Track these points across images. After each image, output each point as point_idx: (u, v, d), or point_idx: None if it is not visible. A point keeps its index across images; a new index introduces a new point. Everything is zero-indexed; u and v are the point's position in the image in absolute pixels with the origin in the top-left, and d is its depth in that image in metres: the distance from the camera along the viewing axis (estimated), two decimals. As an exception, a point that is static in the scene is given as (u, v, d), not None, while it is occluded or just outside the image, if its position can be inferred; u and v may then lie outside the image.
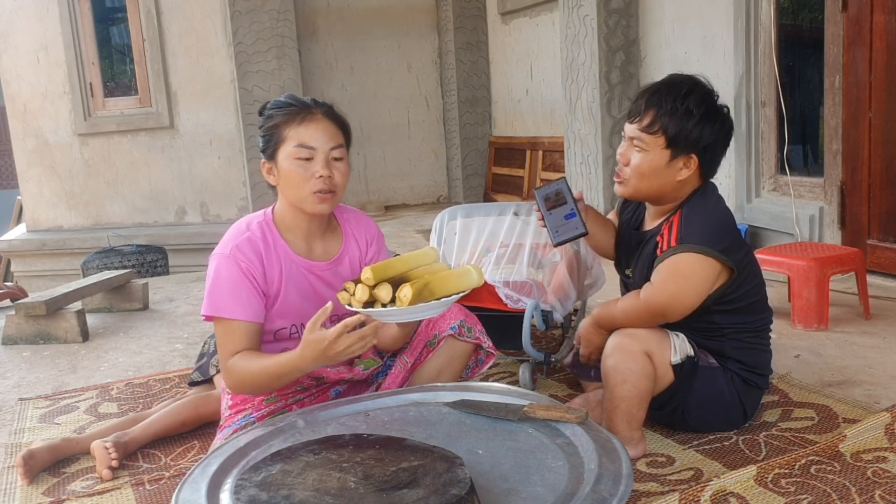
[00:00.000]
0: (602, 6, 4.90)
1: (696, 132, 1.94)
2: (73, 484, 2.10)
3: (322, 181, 1.87)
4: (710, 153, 2.00)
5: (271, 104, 1.96)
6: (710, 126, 1.96)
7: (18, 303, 3.66)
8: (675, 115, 1.94)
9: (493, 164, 7.36)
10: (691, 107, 1.94)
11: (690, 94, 1.95)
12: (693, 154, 1.97)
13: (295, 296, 1.94)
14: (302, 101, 1.93)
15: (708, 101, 1.97)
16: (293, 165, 1.88)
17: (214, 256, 1.90)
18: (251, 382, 1.83)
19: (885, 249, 3.53)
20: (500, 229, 2.77)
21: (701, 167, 2.00)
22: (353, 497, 1.26)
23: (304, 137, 1.87)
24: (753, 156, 4.24)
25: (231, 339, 1.85)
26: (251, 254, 1.89)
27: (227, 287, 1.85)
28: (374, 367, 2.08)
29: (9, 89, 7.19)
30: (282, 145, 1.89)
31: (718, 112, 1.98)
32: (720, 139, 1.99)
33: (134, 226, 7.05)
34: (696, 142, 1.96)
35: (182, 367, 3.09)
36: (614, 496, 1.30)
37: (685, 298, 1.94)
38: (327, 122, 1.91)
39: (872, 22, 3.48)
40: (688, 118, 1.94)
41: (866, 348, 2.72)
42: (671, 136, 1.95)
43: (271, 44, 6.64)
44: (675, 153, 1.97)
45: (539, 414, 1.60)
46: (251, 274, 1.87)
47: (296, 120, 1.89)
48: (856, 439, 1.92)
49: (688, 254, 1.92)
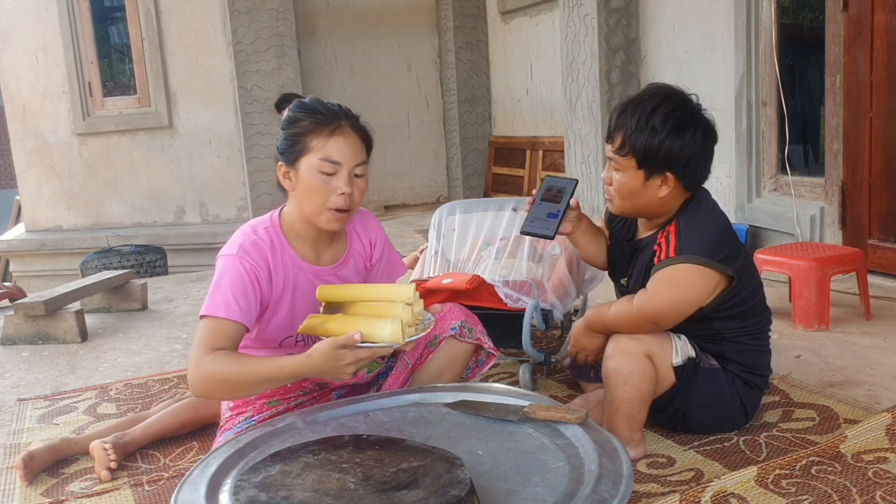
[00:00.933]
0: (602, 5, 4.89)
1: (664, 150, 1.89)
2: (72, 484, 2.09)
3: (342, 198, 1.83)
4: (687, 167, 1.94)
5: (297, 105, 1.90)
6: (678, 141, 1.89)
7: (17, 303, 3.65)
8: (641, 135, 1.89)
9: (493, 163, 7.36)
10: (656, 125, 1.88)
11: (656, 111, 1.89)
12: (667, 172, 1.93)
13: (302, 304, 1.90)
14: (331, 111, 1.86)
15: (675, 115, 1.90)
16: (315, 178, 1.83)
17: (221, 257, 1.86)
18: (226, 382, 1.71)
19: (886, 249, 3.53)
20: (499, 224, 2.77)
21: (682, 181, 1.95)
22: (353, 498, 1.26)
23: (331, 152, 1.82)
24: (754, 156, 4.24)
25: (215, 334, 1.75)
26: (258, 257, 1.84)
27: (226, 287, 1.81)
28: (376, 370, 2.08)
29: (8, 89, 7.19)
30: (306, 154, 1.83)
31: (688, 125, 1.90)
32: (695, 152, 1.92)
33: (133, 226, 7.05)
34: (666, 160, 1.91)
35: (181, 368, 3.08)
36: (614, 497, 1.29)
37: (678, 307, 1.92)
38: (354, 137, 1.86)
39: (873, 21, 3.47)
40: (653, 137, 1.89)
41: (867, 348, 2.71)
42: (640, 157, 1.92)
43: (271, 43, 6.64)
44: (648, 173, 1.93)
45: (539, 414, 1.60)
46: (255, 275, 1.82)
47: (325, 131, 1.83)
48: (856, 440, 1.91)
49: (686, 265, 1.90)
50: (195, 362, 1.73)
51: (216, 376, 1.70)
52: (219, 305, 1.78)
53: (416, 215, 7.03)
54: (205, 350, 1.73)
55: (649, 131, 1.89)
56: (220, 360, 1.71)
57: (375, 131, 1.97)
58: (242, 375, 1.70)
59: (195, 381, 1.73)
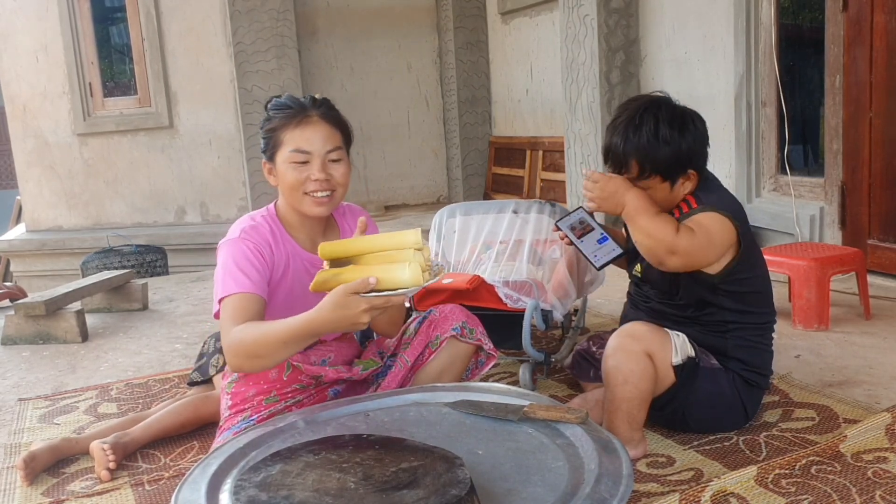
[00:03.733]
0: (602, 6, 4.90)
1: (685, 153, 1.97)
2: (73, 484, 2.09)
3: (317, 184, 1.87)
4: (700, 156, 2.02)
5: (272, 104, 1.96)
6: (689, 137, 1.97)
7: (18, 303, 3.65)
8: (661, 150, 1.94)
9: (493, 164, 7.36)
10: (666, 135, 1.94)
11: (659, 123, 1.94)
12: (689, 170, 2.00)
13: (298, 290, 1.93)
14: (299, 103, 1.92)
15: (674, 117, 1.96)
16: (289, 169, 1.88)
17: (223, 244, 1.89)
18: (252, 352, 1.70)
19: (886, 249, 3.53)
20: (499, 226, 2.77)
21: (698, 170, 2.03)
22: (353, 497, 1.26)
23: (300, 142, 1.87)
24: (754, 156, 4.24)
25: (235, 311, 1.77)
26: (259, 237, 1.89)
27: (235, 266, 1.83)
28: (373, 368, 2.08)
29: (8, 89, 7.19)
30: (279, 149, 1.90)
31: (686, 120, 1.99)
32: (698, 138, 2.00)
33: (133, 226, 7.05)
34: (688, 159, 1.98)
35: (182, 368, 3.09)
36: (614, 497, 1.29)
37: (705, 252, 1.95)
38: (323, 125, 1.90)
39: (873, 22, 3.48)
40: (667, 146, 1.94)
41: (867, 348, 2.72)
42: (665, 171, 1.98)
43: (271, 43, 6.64)
44: (674, 180, 2.00)
45: (539, 414, 1.60)
46: (259, 251, 1.86)
47: (292, 123, 1.88)
48: (856, 439, 1.92)
49: (709, 213, 1.95)
50: (224, 342, 1.76)
51: (241, 347, 1.72)
52: (230, 285, 1.81)
53: (417, 215, 7.03)
54: (229, 327, 1.75)
55: (664, 143, 1.94)
56: (241, 331, 1.72)
57: (375, 131, 1.98)
58: (262, 339, 1.69)
59: (228, 358, 1.76)
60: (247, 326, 1.73)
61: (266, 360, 1.73)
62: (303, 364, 1.98)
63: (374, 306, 1.56)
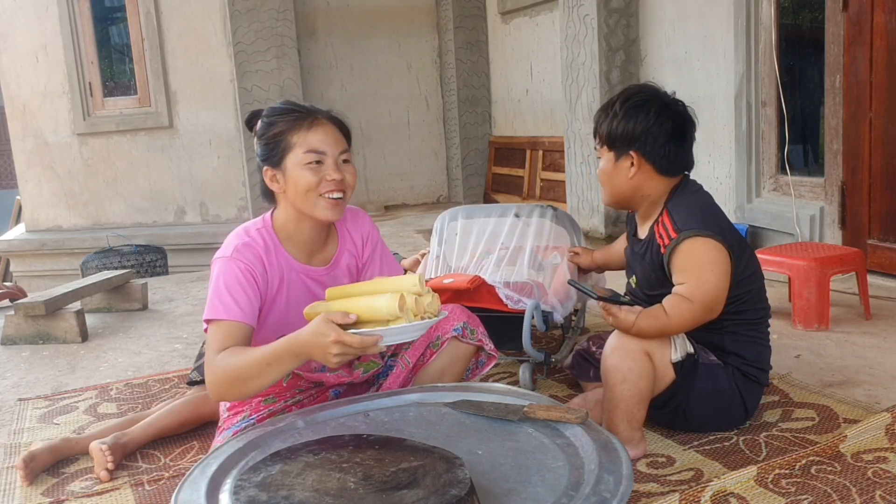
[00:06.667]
0: (602, 6, 4.90)
1: (620, 128, 2.05)
2: (73, 484, 2.09)
3: (334, 184, 1.87)
4: (649, 146, 2.03)
5: (270, 111, 1.94)
6: (632, 120, 2.03)
7: (18, 303, 3.65)
8: (605, 120, 2.10)
9: (493, 163, 7.36)
10: (616, 108, 2.07)
11: (618, 100, 2.08)
12: (631, 151, 2.04)
13: (295, 304, 1.92)
14: (304, 107, 1.92)
15: (632, 99, 2.06)
16: (304, 171, 1.86)
17: (216, 260, 1.88)
18: (235, 376, 1.70)
19: (886, 249, 3.53)
20: (500, 231, 2.77)
21: (651, 163, 2.04)
22: (353, 497, 1.26)
23: (314, 143, 1.87)
24: (754, 156, 4.24)
25: (221, 337, 1.78)
26: (251, 256, 1.87)
27: (225, 289, 1.82)
28: (373, 370, 2.08)
29: (8, 89, 7.18)
30: (290, 152, 1.87)
31: (643, 105, 2.04)
32: (651, 128, 2.02)
33: (133, 226, 7.05)
34: (626, 137, 2.04)
35: (181, 368, 3.09)
36: (614, 496, 1.29)
37: (722, 284, 1.95)
38: (332, 127, 1.91)
39: (873, 22, 3.47)
40: (614, 118, 2.07)
41: (867, 348, 2.71)
42: (605, 138, 2.10)
43: (271, 43, 6.65)
44: (617, 154, 2.08)
45: (539, 414, 1.60)
46: (251, 272, 1.85)
47: (303, 126, 1.88)
48: (856, 439, 1.91)
49: (694, 240, 1.94)
50: (207, 369, 1.77)
51: (224, 374, 1.72)
52: (218, 309, 1.81)
53: (416, 215, 7.03)
54: (212, 356, 1.76)
55: (612, 114, 2.07)
56: (224, 358, 1.74)
57: (375, 131, 2.00)
58: (245, 365, 1.70)
59: (210, 386, 1.76)
60: (228, 354, 1.74)
61: (249, 385, 1.72)
62: (303, 371, 1.97)
63: (344, 342, 1.58)
